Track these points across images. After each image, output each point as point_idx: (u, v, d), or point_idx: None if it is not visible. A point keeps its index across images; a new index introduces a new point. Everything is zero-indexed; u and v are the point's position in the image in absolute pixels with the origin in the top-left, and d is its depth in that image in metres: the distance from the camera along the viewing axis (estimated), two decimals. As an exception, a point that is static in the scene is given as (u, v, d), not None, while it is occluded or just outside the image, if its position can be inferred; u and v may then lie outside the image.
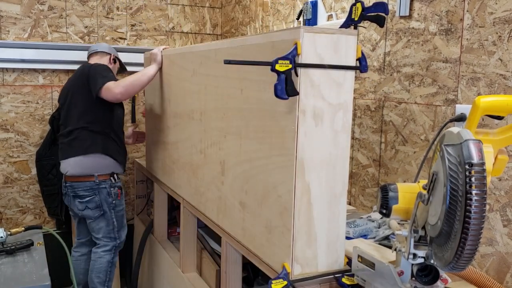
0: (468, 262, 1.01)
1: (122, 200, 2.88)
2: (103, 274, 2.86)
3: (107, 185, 2.77)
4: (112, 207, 2.81)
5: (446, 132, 1.11)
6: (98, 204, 2.77)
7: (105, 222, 2.82)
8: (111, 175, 2.80)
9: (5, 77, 3.38)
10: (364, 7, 1.53)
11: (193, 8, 3.95)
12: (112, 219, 2.82)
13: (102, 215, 2.79)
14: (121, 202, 2.87)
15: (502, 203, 1.63)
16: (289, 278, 1.48)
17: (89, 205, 2.77)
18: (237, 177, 1.83)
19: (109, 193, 2.78)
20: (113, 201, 2.80)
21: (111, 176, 2.80)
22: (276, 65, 1.37)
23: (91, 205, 2.77)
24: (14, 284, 2.12)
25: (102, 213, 2.79)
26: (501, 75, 1.63)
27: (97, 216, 2.79)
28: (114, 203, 2.81)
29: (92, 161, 2.75)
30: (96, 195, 2.76)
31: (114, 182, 2.81)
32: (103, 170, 2.77)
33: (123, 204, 2.90)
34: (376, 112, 2.23)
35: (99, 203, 2.77)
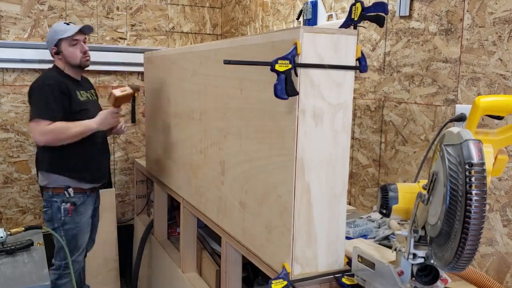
0: (468, 262, 1.01)
1: (74, 218, 2.61)
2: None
3: (59, 200, 2.58)
4: (60, 223, 2.59)
5: (446, 132, 1.11)
6: (50, 217, 2.61)
7: (55, 238, 2.57)
8: (65, 189, 2.59)
9: (5, 77, 3.38)
10: (364, 7, 1.53)
11: (193, 8, 3.95)
12: (61, 236, 2.55)
13: (53, 229, 2.57)
14: (73, 220, 2.60)
15: (502, 203, 1.63)
16: (289, 278, 1.48)
17: (44, 216, 2.65)
18: (237, 177, 1.83)
19: (59, 208, 2.58)
20: (62, 218, 2.58)
21: (65, 189, 2.58)
22: (276, 65, 1.37)
23: (45, 217, 2.64)
24: (14, 284, 2.12)
25: (53, 228, 2.58)
26: (501, 75, 1.63)
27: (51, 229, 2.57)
28: (63, 220, 2.59)
29: (45, 176, 2.62)
30: (49, 208, 2.61)
31: (68, 196, 2.58)
32: (56, 183, 2.59)
33: (77, 222, 2.63)
34: (376, 112, 2.23)
35: (51, 217, 2.61)
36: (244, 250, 1.82)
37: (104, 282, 3.47)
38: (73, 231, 2.62)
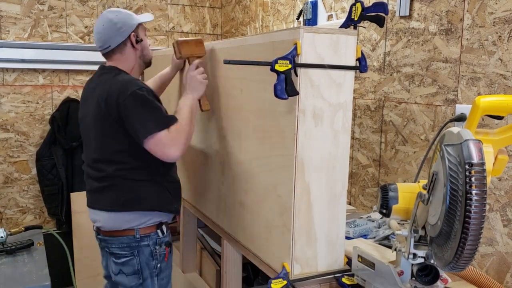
0: (468, 262, 1.01)
1: (170, 261, 2.01)
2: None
3: (152, 242, 1.92)
4: (155, 273, 1.94)
5: (446, 132, 1.11)
6: (136, 269, 1.91)
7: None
8: (158, 227, 1.94)
9: (5, 77, 3.38)
10: (364, 7, 1.53)
11: (193, 8, 3.95)
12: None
13: (140, 284, 1.92)
14: (167, 266, 1.99)
15: (502, 203, 1.63)
16: (288, 278, 1.48)
17: (125, 269, 1.92)
18: (237, 177, 1.83)
19: (152, 254, 1.92)
20: (159, 265, 1.94)
21: (158, 228, 1.94)
22: (276, 65, 1.37)
23: (128, 270, 1.92)
24: (14, 284, 2.12)
25: (141, 282, 1.92)
26: (501, 75, 1.63)
27: (134, 285, 1.92)
28: (158, 268, 1.94)
29: (131, 216, 1.90)
30: (134, 257, 1.91)
31: (163, 236, 1.95)
32: (147, 221, 1.92)
33: (169, 267, 2.02)
34: (376, 112, 2.23)
35: (138, 269, 1.91)
36: (244, 250, 1.82)
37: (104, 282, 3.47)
38: (167, 279, 2.01)
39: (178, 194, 2.05)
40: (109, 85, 1.85)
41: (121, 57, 1.96)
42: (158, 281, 1.94)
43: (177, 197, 2.04)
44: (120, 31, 1.92)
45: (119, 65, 1.96)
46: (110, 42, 1.92)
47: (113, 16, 1.93)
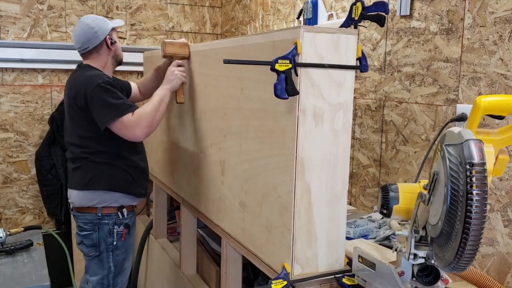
0: (469, 262, 1.01)
1: (127, 241, 2.30)
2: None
3: (111, 221, 2.22)
4: (111, 249, 2.25)
5: (447, 132, 1.10)
6: (94, 242, 2.23)
7: (99, 265, 2.27)
8: (118, 209, 2.24)
9: (5, 76, 3.37)
10: (364, 6, 1.52)
11: (193, 7, 3.95)
12: (109, 263, 2.26)
13: (97, 256, 2.25)
14: (124, 244, 2.29)
15: (503, 203, 1.63)
16: (289, 278, 1.47)
17: (85, 241, 2.25)
18: (237, 177, 1.83)
19: (110, 232, 2.23)
20: (114, 242, 2.24)
21: (118, 210, 2.24)
22: (276, 64, 1.37)
23: (87, 242, 2.24)
24: (14, 284, 2.12)
25: (97, 254, 2.24)
26: (502, 75, 1.62)
27: (91, 256, 2.26)
28: (114, 245, 2.25)
29: (94, 195, 2.21)
30: (94, 232, 2.23)
31: (122, 217, 2.24)
32: (108, 203, 2.22)
33: (127, 246, 2.32)
34: (376, 111, 2.22)
35: (96, 242, 2.23)
36: (244, 251, 1.82)
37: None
38: (122, 256, 2.30)
39: (141, 179, 2.31)
40: (79, 79, 2.17)
41: (97, 56, 2.27)
42: (113, 256, 2.25)
43: (140, 182, 2.31)
44: (96, 34, 2.22)
45: (94, 63, 2.27)
46: (88, 44, 2.23)
47: (90, 21, 2.25)
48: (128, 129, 2.08)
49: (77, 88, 2.14)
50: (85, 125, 2.16)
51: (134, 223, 2.37)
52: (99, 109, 2.08)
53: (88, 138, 2.18)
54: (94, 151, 2.19)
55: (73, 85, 2.20)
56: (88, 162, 2.20)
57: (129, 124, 2.07)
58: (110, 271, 2.27)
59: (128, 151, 2.24)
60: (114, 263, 2.27)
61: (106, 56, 2.29)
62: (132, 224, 2.32)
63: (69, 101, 2.20)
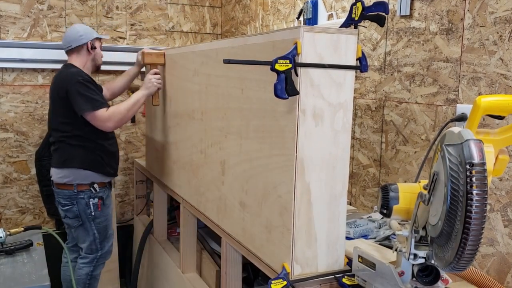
0: (469, 262, 1.01)
1: (104, 211, 2.73)
2: (81, 286, 2.77)
3: (86, 196, 2.65)
4: (91, 218, 2.68)
5: (447, 132, 1.10)
6: (76, 214, 2.67)
7: (85, 232, 2.71)
8: (90, 185, 2.67)
9: (5, 76, 3.37)
10: (364, 6, 1.52)
11: (193, 7, 3.95)
12: (92, 230, 2.70)
13: (81, 225, 2.69)
14: (102, 213, 2.72)
15: (503, 203, 1.63)
16: (288, 278, 1.47)
17: (68, 214, 2.69)
18: (237, 177, 1.83)
19: (87, 204, 2.65)
20: (92, 213, 2.67)
21: (90, 186, 2.67)
22: (276, 64, 1.37)
23: (70, 215, 2.69)
24: (14, 284, 2.11)
25: (81, 223, 2.69)
26: (502, 75, 1.62)
27: (76, 226, 2.70)
28: (93, 215, 2.68)
29: (69, 172, 2.64)
30: (74, 205, 2.66)
31: (95, 192, 2.67)
32: (81, 180, 2.65)
33: (105, 215, 2.76)
34: (376, 112, 2.22)
35: (77, 213, 2.67)
36: (244, 251, 1.82)
37: (104, 282, 3.46)
38: (104, 223, 2.75)
39: (111, 161, 2.75)
40: (62, 74, 2.66)
41: (77, 56, 2.72)
42: (95, 224, 2.70)
43: (110, 163, 2.74)
44: (80, 37, 2.70)
45: (75, 62, 2.71)
46: (71, 43, 2.70)
47: (78, 26, 2.80)
48: (100, 122, 2.54)
49: (60, 82, 2.61)
50: (63, 112, 2.60)
51: (108, 195, 2.80)
52: (77, 99, 2.51)
53: (66, 123, 2.61)
54: (71, 135, 2.62)
55: (57, 79, 2.68)
56: (65, 145, 2.64)
57: (102, 118, 2.52)
58: (95, 237, 2.72)
59: (100, 136, 2.65)
60: (97, 230, 2.71)
61: (85, 57, 2.73)
62: (106, 196, 2.75)
63: (53, 93, 2.67)
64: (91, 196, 2.66)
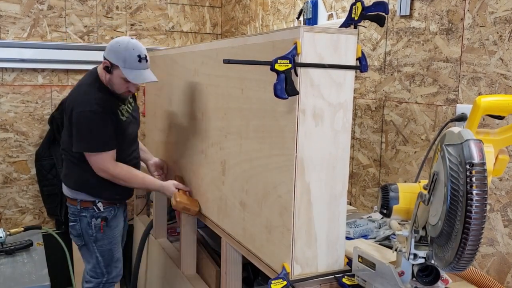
0: (469, 262, 1.01)
1: (107, 233, 2.37)
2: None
3: (88, 214, 2.33)
4: (92, 240, 2.35)
5: (447, 132, 1.10)
6: (79, 233, 2.36)
7: (88, 253, 2.40)
8: (93, 203, 2.33)
9: (5, 76, 3.37)
10: (364, 6, 1.52)
11: (193, 7, 3.95)
12: (95, 252, 2.37)
13: (84, 245, 2.38)
14: (105, 236, 2.37)
15: (503, 203, 1.62)
16: (288, 278, 1.47)
17: (72, 231, 2.40)
18: (238, 177, 1.83)
19: (89, 224, 2.33)
20: (94, 234, 2.34)
21: (94, 204, 2.33)
22: (276, 64, 1.37)
23: (74, 232, 2.39)
24: (14, 284, 2.11)
25: (84, 243, 2.37)
26: (502, 75, 1.62)
27: (79, 245, 2.41)
28: (95, 236, 2.34)
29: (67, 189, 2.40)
30: (77, 223, 2.36)
31: (98, 211, 2.33)
32: (84, 197, 2.34)
33: (109, 237, 2.39)
34: (376, 111, 2.22)
35: (80, 232, 2.36)
36: (244, 251, 1.82)
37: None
38: (107, 247, 2.39)
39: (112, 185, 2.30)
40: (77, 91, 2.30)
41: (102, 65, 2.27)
42: (97, 247, 2.36)
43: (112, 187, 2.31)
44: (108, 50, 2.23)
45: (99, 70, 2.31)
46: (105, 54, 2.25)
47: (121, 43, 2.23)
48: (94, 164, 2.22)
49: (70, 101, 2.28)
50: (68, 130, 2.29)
51: (116, 215, 2.41)
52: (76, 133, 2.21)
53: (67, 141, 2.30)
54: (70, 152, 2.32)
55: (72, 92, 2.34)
56: (66, 160, 2.38)
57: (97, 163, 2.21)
58: (98, 260, 2.39)
59: None
60: (100, 253, 2.37)
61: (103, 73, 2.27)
62: (113, 216, 2.38)
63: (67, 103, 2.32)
64: (93, 215, 2.34)
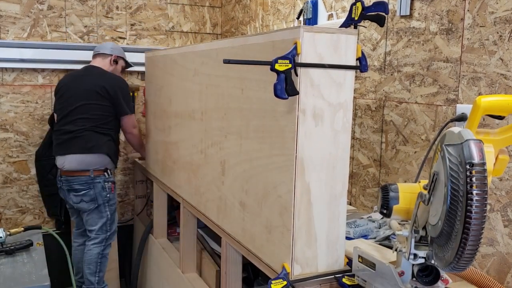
0: (469, 262, 1.01)
1: (115, 193, 3.03)
2: (93, 265, 2.95)
3: (102, 180, 2.90)
4: (106, 200, 2.92)
5: (447, 132, 1.10)
6: (93, 197, 2.89)
7: (99, 214, 2.93)
8: (105, 171, 2.93)
9: (5, 76, 3.37)
10: (364, 6, 1.52)
11: (193, 7, 3.95)
12: (106, 212, 2.94)
13: (96, 207, 2.91)
14: (114, 196, 3.00)
15: (503, 203, 1.63)
16: (288, 278, 1.47)
17: (85, 198, 2.89)
18: (238, 177, 1.83)
19: (103, 187, 2.91)
20: (107, 195, 2.92)
21: (105, 171, 2.93)
22: (276, 64, 1.37)
23: (86, 198, 2.89)
24: (14, 284, 2.11)
25: (97, 206, 2.91)
26: (502, 75, 1.62)
27: (92, 208, 2.91)
28: (108, 197, 2.93)
29: (91, 158, 2.89)
30: (91, 189, 2.88)
31: (108, 176, 2.95)
32: (98, 166, 2.90)
33: (116, 197, 3.05)
34: (376, 112, 2.22)
35: (94, 197, 2.89)
36: (244, 251, 1.82)
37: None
38: (114, 206, 3.03)
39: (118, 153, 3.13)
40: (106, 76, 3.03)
41: (101, 60, 3.11)
42: (108, 206, 2.96)
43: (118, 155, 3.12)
44: (111, 49, 3.14)
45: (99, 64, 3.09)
46: (102, 50, 3.14)
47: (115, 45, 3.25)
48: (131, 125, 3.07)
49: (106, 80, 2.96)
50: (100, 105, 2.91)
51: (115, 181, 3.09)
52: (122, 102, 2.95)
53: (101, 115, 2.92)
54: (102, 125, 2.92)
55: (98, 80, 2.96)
56: (94, 133, 2.90)
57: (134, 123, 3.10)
58: (108, 218, 2.96)
59: (118, 130, 3.07)
60: (110, 212, 2.96)
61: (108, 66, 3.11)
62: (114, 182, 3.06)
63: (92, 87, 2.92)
64: (105, 180, 2.92)
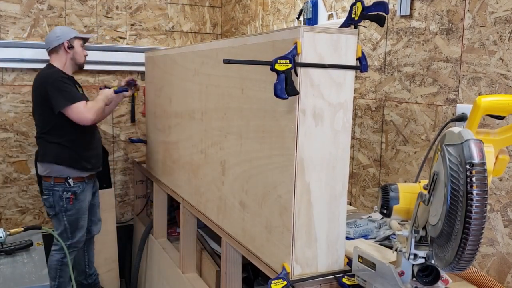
0: (469, 262, 1.01)
1: (75, 205, 2.89)
2: (53, 271, 2.93)
3: (61, 189, 2.84)
4: (63, 210, 2.86)
5: (447, 132, 1.10)
6: (51, 204, 2.87)
7: (57, 222, 2.90)
8: (65, 180, 2.85)
9: (5, 76, 3.37)
10: (364, 6, 1.52)
11: (193, 7, 3.95)
12: (64, 221, 2.88)
13: (55, 215, 2.88)
14: (74, 207, 2.89)
15: (503, 203, 1.62)
16: (288, 278, 1.47)
17: (46, 203, 2.91)
18: (238, 177, 1.83)
19: (60, 197, 2.85)
20: (65, 205, 2.86)
21: (65, 180, 2.85)
22: (276, 64, 1.37)
23: (47, 204, 2.90)
24: (14, 284, 2.11)
25: (54, 213, 2.88)
26: (502, 75, 1.62)
27: (51, 215, 2.91)
28: (65, 207, 2.86)
29: (43, 168, 2.87)
30: (50, 196, 2.86)
31: (69, 186, 2.86)
32: (58, 174, 2.84)
33: (77, 208, 2.91)
34: (376, 112, 2.22)
35: (52, 204, 2.86)
36: (244, 251, 1.82)
37: (104, 282, 3.47)
38: (74, 216, 2.90)
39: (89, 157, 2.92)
40: (41, 75, 2.86)
41: (56, 56, 2.89)
42: (66, 216, 2.88)
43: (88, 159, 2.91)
44: (57, 38, 2.86)
45: (54, 62, 2.90)
46: (49, 44, 2.88)
47: (57, 29, 2.95)
48: (79, 114, 2.73)
49: (39, 81, 2.81)
50: (42, 110, 2.80)
51: (84, 190, 2.93)
52: (55, 96, 2.71)
53: (43, 120, 2.83)
54: (47, 132, 2.83)
55: (37, 79, 2.86)
56: (43, 141, 2.87)
57: (81, 110, 2.73)
58: (66, 227, 2.89)
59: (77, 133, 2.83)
60: (68, 221, 2.88)
61: (64, 57, 2.89)
62: (81, 191, 2.91)
63: (34, 92, 2.87)
64: (65, 189, 2.85)
